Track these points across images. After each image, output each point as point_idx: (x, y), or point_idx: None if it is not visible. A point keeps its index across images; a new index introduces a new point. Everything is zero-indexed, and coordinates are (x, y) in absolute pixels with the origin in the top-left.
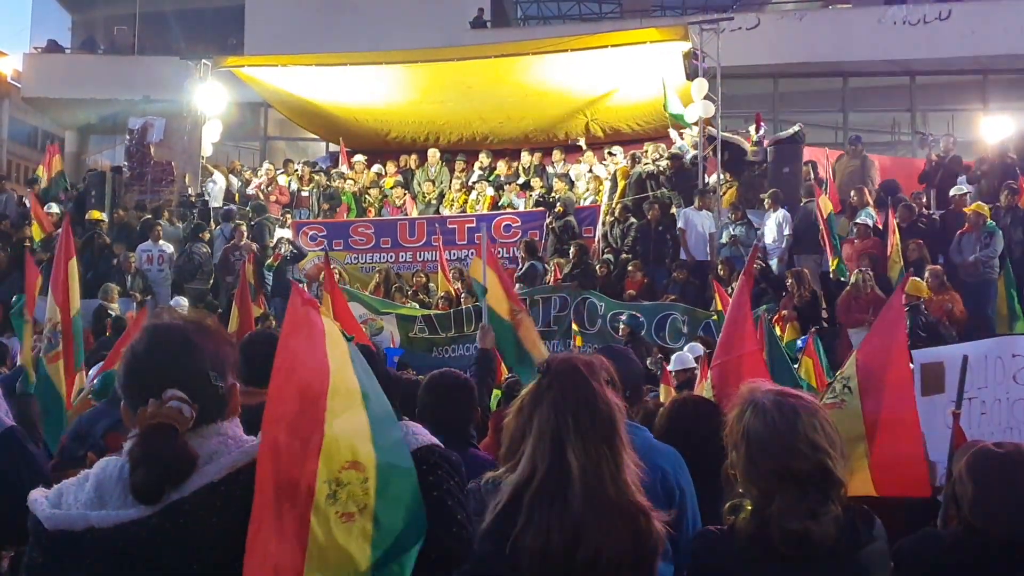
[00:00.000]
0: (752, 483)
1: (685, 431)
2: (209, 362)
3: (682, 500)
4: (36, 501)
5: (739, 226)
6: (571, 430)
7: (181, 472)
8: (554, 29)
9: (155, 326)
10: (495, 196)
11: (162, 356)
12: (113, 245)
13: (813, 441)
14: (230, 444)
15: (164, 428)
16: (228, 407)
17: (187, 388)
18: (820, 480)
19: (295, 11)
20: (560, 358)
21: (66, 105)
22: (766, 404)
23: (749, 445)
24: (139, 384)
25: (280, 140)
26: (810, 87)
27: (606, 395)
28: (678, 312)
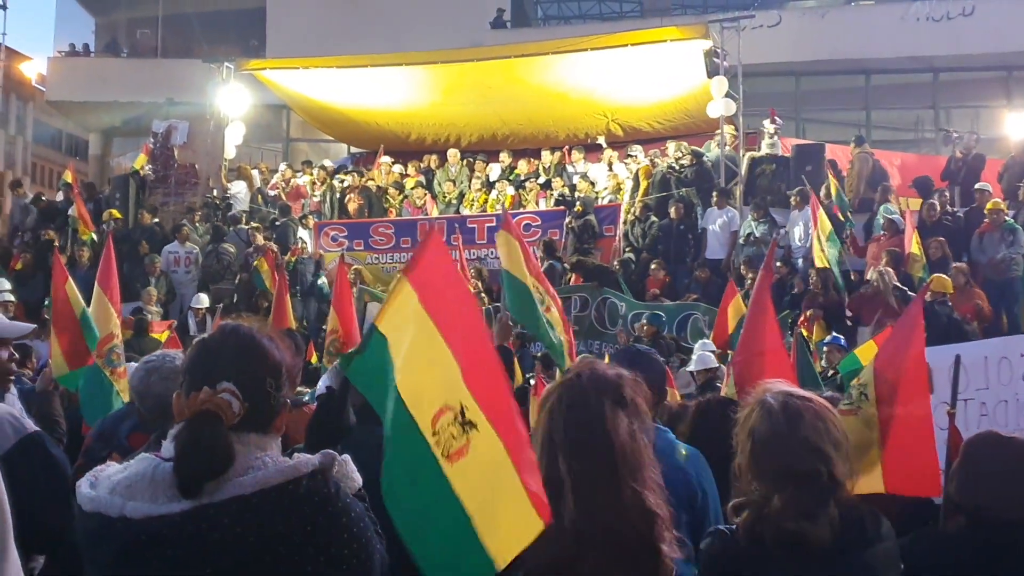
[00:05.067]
0: (754, 482)
1: (710, 433)
2: (270, 369)
3: (704, 502)
4: (80, 482)
5: (761, 224)
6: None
7: (222, 462)
8: (574, 29)
9: (230, 324)
10: (515, 195)
11: (227, 349)
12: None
13: (813, 443)
14: (267, 462)
15: (211, 416)
16: (275, 421)
17: (242, 386)
18: (818, 482)
19: (316, 13)
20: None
21: (90, 108)
22: (773, 405)
23: (753, 444)
24: (199, 372)
25: (302, 142)
26: (832, 85)
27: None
28: (699, 311)
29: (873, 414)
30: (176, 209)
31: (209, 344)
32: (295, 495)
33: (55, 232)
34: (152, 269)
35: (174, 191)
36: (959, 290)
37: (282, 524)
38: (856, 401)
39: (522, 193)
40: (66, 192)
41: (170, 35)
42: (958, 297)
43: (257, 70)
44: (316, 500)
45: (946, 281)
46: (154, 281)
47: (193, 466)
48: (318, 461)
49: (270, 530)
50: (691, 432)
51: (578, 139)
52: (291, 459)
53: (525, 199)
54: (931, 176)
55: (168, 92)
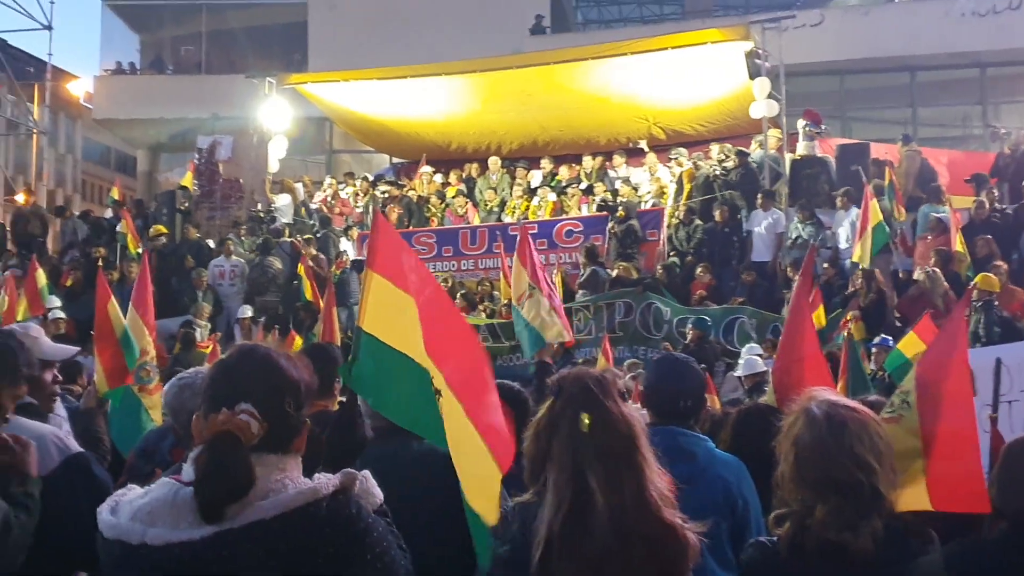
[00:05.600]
0: (797, 492)
1: (751, 441)
2: (288, 389)
3: (745, 510)
4: (100, 508)
5: (808, 226)
6: (591, 454)
7: (242, 485)
8: (615, 33)
9: (247, 345)
10: (557, 202)
11: (245, 370)
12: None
13: (857, 454)
14: (288, 484)
15: (230, 438)
16: (294, 441)
17: (261, 406)
18: (861, 493)
19: (357, 25)
20: (571, 377)
21: (136, 125)
22: (817, 414)
23: (796, 454)
24: (217, 393)
25: (345, 153)
26: (877, 83)
27: (622, 411)
28: (746, 315)
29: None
30: (221, 223)
31: (227, 365)
32: (316, 517)
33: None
34: (199, 283)
35: (219, 205)
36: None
37: (304, 547)
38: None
39: (564, 199)
40: (114, 208)
41: (214, 51)
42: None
43: (299, 84)
44: (338, 521)
45: (993, 280)
46: (201, 295)
47: (214, 490)
48: (338, 481)
49: (292, 554)
50: (731, 440)
51: (620, 143)
52: (311, 480)
53: (567, 205)
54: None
55: (213, 107)
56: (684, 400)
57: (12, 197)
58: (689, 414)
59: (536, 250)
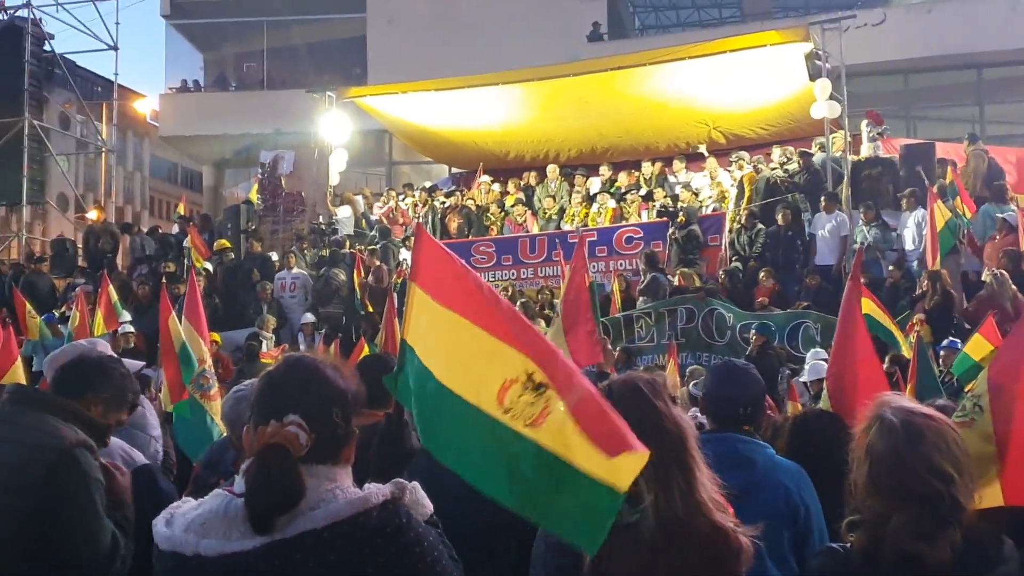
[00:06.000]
0: (871, 501)
1: (809, 446)
2: (335, 399)
3: (807, 517)
4: (155, 521)
5: (873, 228)
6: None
7: (293, 496)
8: (673, 37)
9: (293, 356)
10: (617, 208)
11: (292, 382)
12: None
13: (935, 464)
14: (338, 494)
15: (279, 450)
16: (343, 451)
17: (309, 417)
18: (940, 504)
19: (414, 37)
20: (620, 380)
21: (202, 141)
22: (893, 422)
23: (871, 463)
24: (266, 405)
25: (404, 164)
26: (942, 81)
27: (672, 414)
28: (810, 320)
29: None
30: (285, 236)
31: (274, 377)
32: (367, 527)
33: (172, 263)
34: (264, 296)
35: (282, 219)
36: None
37: (355, 557)
38: (970, 412)
39: (623, 206)
40: (181, 224)
41: (275, 67)
42: None
43: (358, 97)
44: (388, 531)
45: None
46: (266, 307)
47: (264, 501)
48: (388, 491)
49: (343, 564)
50: (788, 446)
51: (679, 149)
52: (361, 490)
53: (627, 211)
54: None
55: (275, 123)
56: (743, 407)
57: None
58: (748, 421)
59: (596, 257)
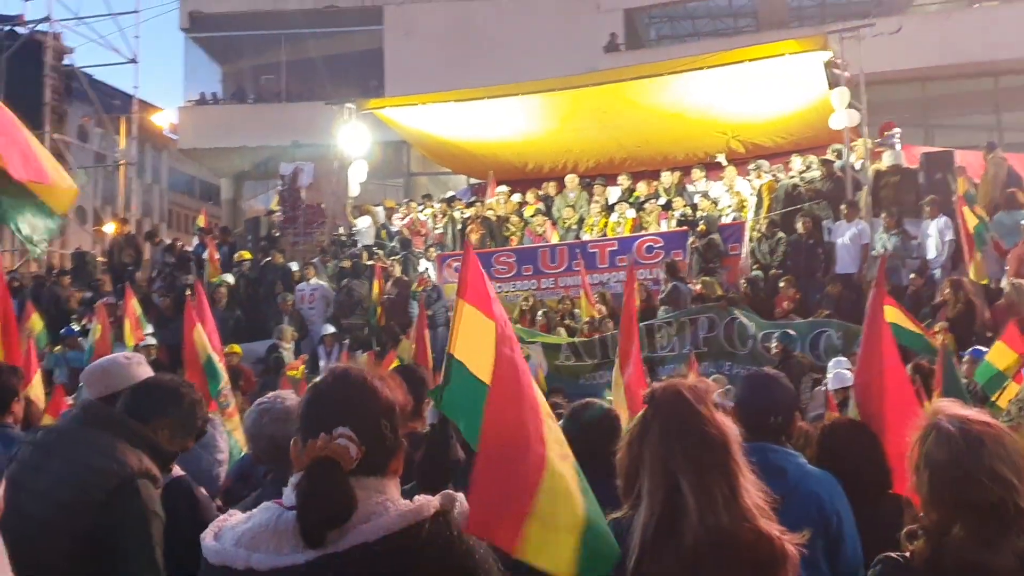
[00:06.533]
0: (932, 510)
1: (838, 456)
2: (384, 411)
3: (839, 526)
4: (203, 535)
5: (894, 236)
6: (681, 460)
7: (344, 510)
8: (689, 47)
9: (339, 368)
10: (636, 218)
11: (340, 394)
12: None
13: (998, 472)
14: (389, 507)
15: (329, 463)
16: (392, 463)
17: (358, 430)
18: (1003, 512)
19: (431, 49)
20: (663, 386)
21: (220, 154)
22: (951, 430)
23: (931, 472)
24: (314, 418)
25: (423, 175)
26: (960, 89)
27: (715, 419)
28: (832, 328)
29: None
30: (306, 248)
31: (321, 389)
32: (418, 540)
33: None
34: (285, 307)
35: (303, 231)
36: None
37: (407, 570)
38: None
39: (642, 215)
40: (201, 237)
41: (293, 80)
42: None
43: (377, 109)
44: (440, 543)
45: None
46: (287, 319)
47: (316, 515)
48: (439, 503)
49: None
50: (818, 455)
51: (698, 158)
52: (412, 502)
53: (646, 221)
54: None
55: (293, 135)
56: (774, 416)
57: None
58: (780, 430)
59: (616, 266)
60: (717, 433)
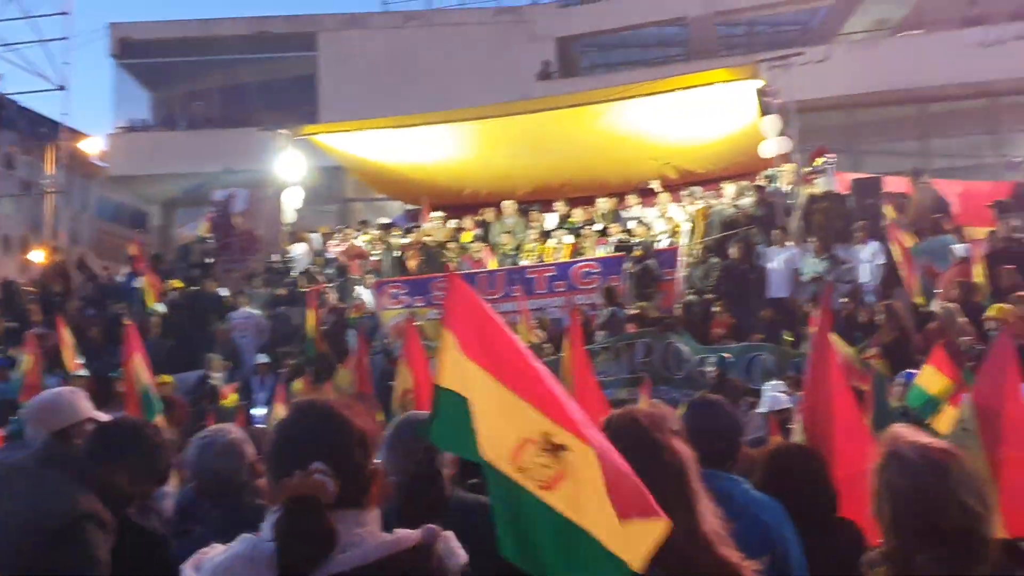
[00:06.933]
0: (894, 537)
1: (783, 481)
2: (355, 440)
3: (785, 552)
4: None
5: (823, 261)
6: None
7: (325, 545)
8: (621, 76)
9: (303, 402)
10: (574, 244)
11: (308, 428)
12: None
13: (963, 501)
14: (366, 538)
15: (308, 500)
16: (370, 492)
17: (331, 463)
18: (970, 541)
19: (367, 76)
20: (619, 414)
21: (151, 181)
22: (912, 458)
23: (894, 500)
24: (285, 456)
25: (359, 201)
26: (886, 116)
27: (672, 446)
28: (766, 351)
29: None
30: (239, 276)
31: (289, 426)
32: (397, 570)
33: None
34: (219, 335)
35: (236, 258)
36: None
37: None
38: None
39: (580, 241)
40: (135, 265)
41: (226, 106)
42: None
43: (312, 135)
44: (420, 574)
45: (1006, 309)
46: (218, 348)
47: (298, 553)
48: (419, 536)
49: None
50: (765, 481)
51: (632, 185)
52: (390, 535)
53: (583, 247)
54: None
55: (226, 161)
56: (719, 442)
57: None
58: (724, 456)
59: (555, 292)
60: (674, 460)
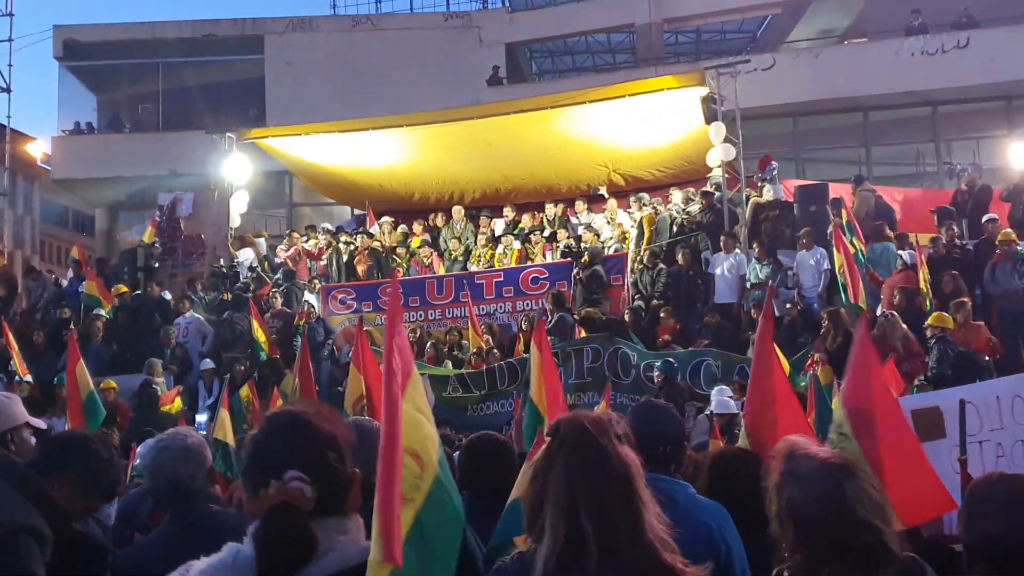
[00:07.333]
0: (797, 552)
1: (728, 485)
2: (328, 445)
3: (728, 556)
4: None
5: (766, 267)
6: (584, 493)
7: (306, 553)
8: (570, 82)
9: (274, 413)
10: (522, 249)
11: (281, 437)
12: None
13: (861, 516)
14: (347, 543)
15: (288, 508)
16: (349, 498)
17: (307, 470)
18: (871, 553)
19: (314, 80)
20: (567, 418)
21: (95, 184)
22: (807, 476)
23: (794, 516)
24: (260, 467)
25: (306, 206)
26: (830, 123)
27: (617, 452)
28: (711, 357)
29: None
30: (184, 280)
31: (260, 437)
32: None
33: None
34: (167, 340)
35: (182, 262)
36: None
37: None
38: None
39: (528, 247)
40: (76, 269)
41: (171, 109)
42: (965, 332)
43: (259, 139)
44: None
45: (945, 317)
46: (169, 353)
47: (276, 560)
48: None
49: None
50: (709, 485)
51: (580, 190)
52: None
53: (532, 252)
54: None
55: (171, 165)
56: (663, 446)
57: None
58: (668, 460)
59: (503, 297)
60: (619, 466)
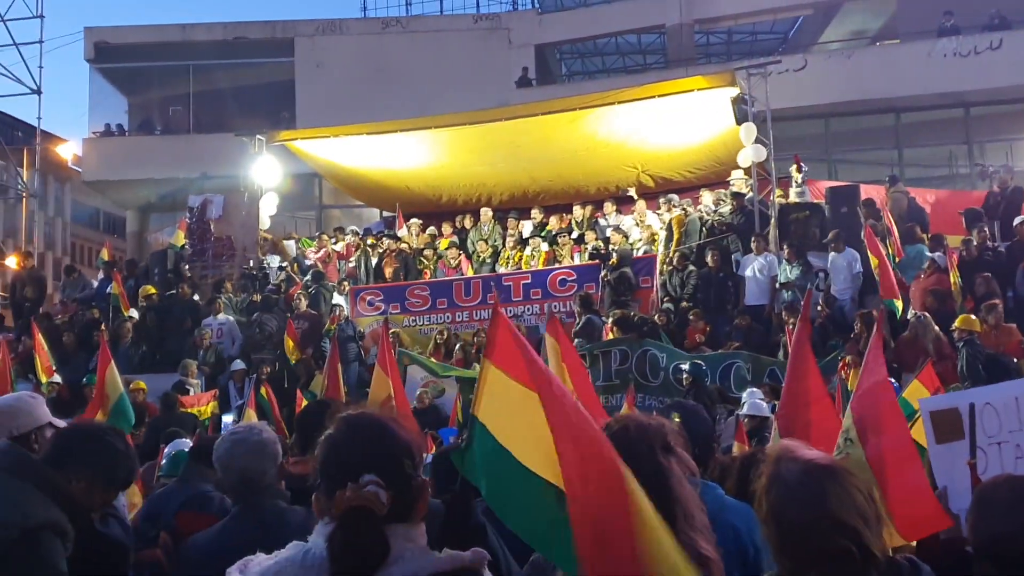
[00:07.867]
0: (784, 558)
1: None
2: (404, 452)
3: (756, 558)
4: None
5: (796, 268)
6: None
7: (378, 558)
8: (599, 83)
9: (352, 415)
10: (550, 251)
11: (359, 441)
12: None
13: (844, 520)
14: (416, 552)
15: (363, 512)
16: (417, 506)
17: (383, 474)
18: (853, 559)
19: (344, 82)
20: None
21: (126, 186)
22: (790, 480)
23: (778, 523)
24: (337, 469)
25: (335, 208)
26: (862, 125)
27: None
28: (742, 360)
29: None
30: (214, 281)
31: (337, 440)
32: None
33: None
34: (200, 342)
35: (211, 264)
36: (993, 328)
37: None
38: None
39: (556, 249)
40: (106, 271)
41: (202, 111)
42: (997, 335)
43: (288, 141)
44: None
45: (972, 320)
46: (202, 354)
47: (352, 565)
48: (470, 558)
49: None
50: (737, 487)
51: (609, 192)
52: (441, 552)
53: (560, 254)
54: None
55: (202, 167)
56: (693, 447)
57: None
58: (698, 461)
59: (531, 299)
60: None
